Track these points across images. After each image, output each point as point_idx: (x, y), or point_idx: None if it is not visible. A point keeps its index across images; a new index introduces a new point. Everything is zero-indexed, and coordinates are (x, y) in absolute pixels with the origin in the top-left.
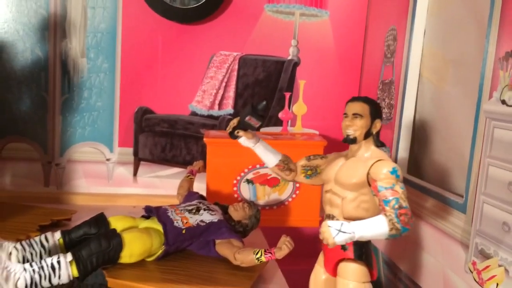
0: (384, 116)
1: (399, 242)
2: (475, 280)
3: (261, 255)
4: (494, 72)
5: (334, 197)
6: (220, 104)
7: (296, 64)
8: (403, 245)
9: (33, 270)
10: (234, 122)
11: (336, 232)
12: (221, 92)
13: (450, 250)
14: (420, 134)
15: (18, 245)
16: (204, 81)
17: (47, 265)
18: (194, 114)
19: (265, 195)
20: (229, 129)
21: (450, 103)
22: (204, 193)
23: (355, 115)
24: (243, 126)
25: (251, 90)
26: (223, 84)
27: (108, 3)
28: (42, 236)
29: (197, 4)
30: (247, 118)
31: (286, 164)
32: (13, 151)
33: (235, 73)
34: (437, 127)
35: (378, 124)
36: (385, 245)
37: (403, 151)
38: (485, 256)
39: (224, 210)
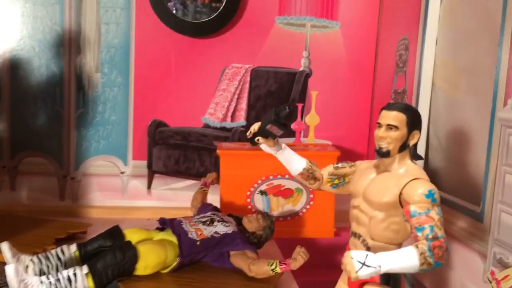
0: None
1: None
2: None
3: (276, 266)
4: (508, 79)
5: (361, 215)
6: (232, 116)
7: (308, 75)
8: None
9: (50, 283)
10: (255, 127)
11: (360, 265)
12: (233, 104)
13: (468, 260)
14: (435, 143)
15: (35, 258)
16: (217, 93)
17: (63, 278)
18: (207, 126)
19: (278, 206)
20: (249, 134)
21: (463, 111)
22: (218, 205)
23: (390, 126)
24: (264, 133)
25: (263, 101)
26: (236, 96)
27: (121, 19)
28: (58, 249)
29: (208, 18)
30: (268, 127)
31: (311, 173)
32: (29, 165)
33: (247, 85)
34: (451, 136)
35: (416, 135)
36: None
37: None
38: (504, 265)
39: (238, 221)
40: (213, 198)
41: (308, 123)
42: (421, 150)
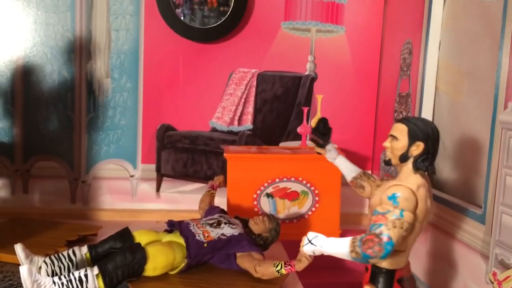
0: None
1: (420, 253)
2: None
3: (281, 267)
4: (508, 83)
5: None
6: (239, 120)
7: (313, 79)
8: (425, 256)
9: (62, 283)
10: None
11: (307, 241)
12: (240, 108)
13: (471, 261)
14: (439, 147)
15: (48, 259)
16: (224, 97)
17: (75, 278)
18: (214, 130)
19: (285, 209)
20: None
21: (466, 114)
22: (225, 207)
23: (392, 136)
24: (314, 142)
25: (270, 105)
26: (242, 100)
27: (131, 25)
28: (70, 251)
29: (215, 24)
30: (311, 137)
31: (358, 182)
32: (41, 169)
33: (253, 89)
34: (454, 138)
35: (419, 146)
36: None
37: None
38: (505, 266)
39: (245, 223)
40: (220, 201)
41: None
42: None
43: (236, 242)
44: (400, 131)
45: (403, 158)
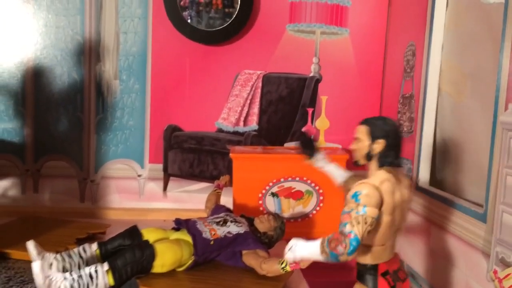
0: (405, 129)
1: (422, 252)
2: None
3: (286, 264)
4: (509, 84)
5: None
6: (245, 121)
7: (318, 81)
8: (427, 255)
9: (73, 279)
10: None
11: (288, 249)
12: (246, 109)
13: (472, 260)
14: (441, 146)
15: (59, 256)
16: (230, 99)
17: (85, 274)
18: (220, 131)
19: (289, 208)
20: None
21: (469, 115)
22: (231, 207)
23: (355, 138)
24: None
25: (275, 106)
26: (248, 101)
27: (139, 28)
28: (81, 248)
29: (222, 27)
30: (300, 151)
31: (347, 185)
32: (51, 169)
33: (259, 90)
34: (457, 139)
35: (380, 144)
36: (410, 256)
37: (425, 163)
38: (506, 264)
39: (250, 222)
40: (226, 200)
41: (318, 127)
42: (428, 152)
43: (242, 240)
44: (362, 132)
45: (368, 157)
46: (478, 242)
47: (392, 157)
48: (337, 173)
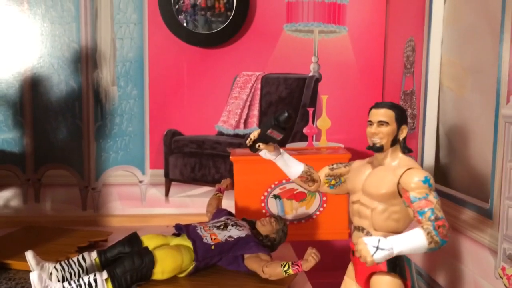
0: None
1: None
2: (505, 286)
3: (288, 267)
4: (510, 76)
5: (362, 208)
6: (245, 123)
7: (317, 80)
8: (434, 253)
9: None
10: (255, 134)
11: (374, 249)
12: (245, 111)
13: (479, 257)
14: (444, 141)
15: (58, 266)
16: (229, 101)
17: (84, 283)
18: (220, 134)
19: (292, 210)
20: (249, 142)
21: (470, 109)
22: (233, 210)
23: (381, 122)
24: (265, 139)
25: (275, 107)
26: (247, 103)
27: (135, 34)
28: (80, 256)
29: (218, 29)
30: (268, 132)
31: (309, 175)
32: (52, 177)
33: (258, 92)
34: (460, 134)
35: (404, 130)
36: (417, 254)
37: (428, 159)
38: None
39: (252, 225)
40: (228, 204)
41: (319, 127)
42: (431, 149)
43: (243, 243)
44: (390, 116)
45: (393, 143)
46: (485, 239)
47: (405, 143)
48: (295, 162)
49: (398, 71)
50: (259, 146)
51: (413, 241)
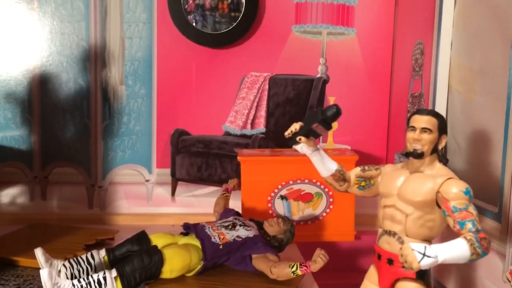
0: None
1: None
2: None
3: (297, 268)
4: None
5: (397, 212)
6: (252, 124)
7: (325, 82)
8: None
9: (81, 286)
10: (296, 127)
11: (421, 256)
12: (253, 112)
13: (488, 260)
14: (453, 145)
15: (67, 263)
16: (236, 102)
17: (93, 281)
18: (227, 134)
19: (299, 211)
20: (289, 134)
21: (480, 113)
22: (239, 210)
23: (424, 129)
24: (307, 133)
25: (282, 109)
26: (255, 104)
27: (144, 33)
28: (89, 254)
29: (227, 29)
30: (314, 126)
31: (342, 174)
32: (59, 175)
33: (266, 93)
34: (468, 138)
35: (444, 139)
36: None
37: None
38: None
39: (259, 225)
40: (235, 204)
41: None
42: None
43: (251, 244)
44: (433, 124)
45: (433, 151)
46: (493, 243)
47: (445, 153)
48: (330, 159)
49: (406, 74)
50: (300, 139)
51: (457, 251)
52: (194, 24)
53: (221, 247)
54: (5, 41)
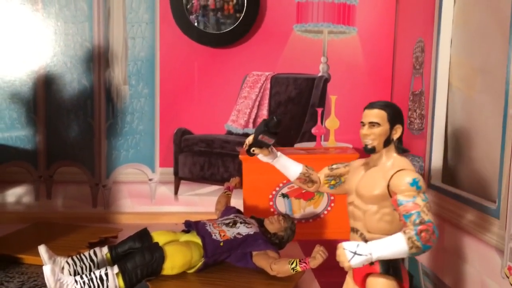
0: (416, 126)
1: (435, 249)
2: (511, 285)
3: (296, 264)
4: None
5: (356, 210)
6: (254, 123)
7: (326, 80)
8: (441, 253)
9: (84, 282)
10: (250, 139)
11: (352, 254)
12: (254, 110)
13: (486, 256)
14: (453, 142)
15: (70, 260)
16: (238, 101)
17: (96, 277)
18: (229, 133)
19: (300, 209)
20: (245, 147)
21: (479, 110)
22: (241, 208)
23: (372, 123)
24: (258, 144)
25: (284, 107)
26: (257, 103)
27: (146, 33)
28: (91, 251)
29: (229, 29)
30: (259, 137)
31: (307, 176)
32: (63, 174)
33: (267, 92)
34: (469, 135)
35: (398, 130)
36: (424, 254)
37: (437, 160)
38: None
39: (260, 223)
40: (237, 202)
41: (328, 127)
42: (439, 149)
43: (252, 241)
44: (381, 117)
45: (386, 143)
46: (492, 239)
47: (402, 143)
48: (293, 163)
49: (407, 72)
50: (253, 150)
51: (393, 246)
52: (196, 24)
53: (221, 244)
54: (10, 42)
